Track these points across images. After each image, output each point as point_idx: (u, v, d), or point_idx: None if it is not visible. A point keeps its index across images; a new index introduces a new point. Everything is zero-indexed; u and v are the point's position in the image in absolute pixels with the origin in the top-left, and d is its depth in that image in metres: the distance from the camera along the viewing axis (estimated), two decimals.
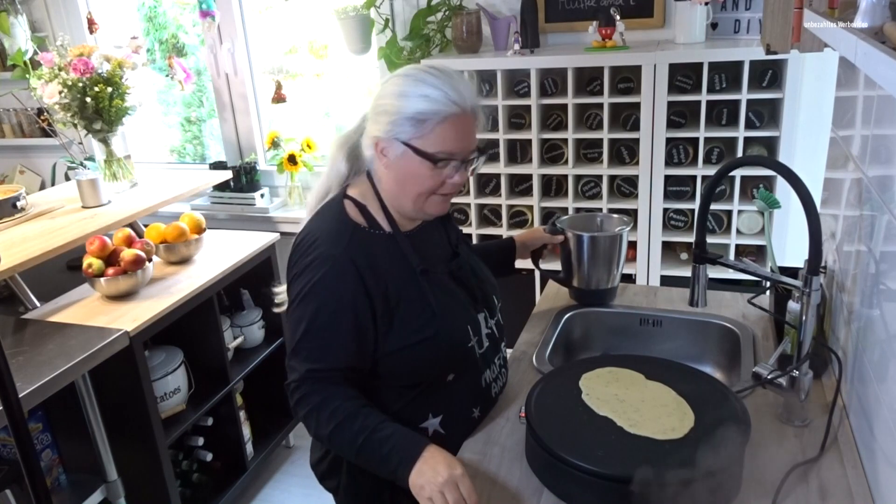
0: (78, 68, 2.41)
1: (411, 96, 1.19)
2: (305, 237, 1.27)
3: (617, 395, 1.25)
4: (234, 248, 2.49)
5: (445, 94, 1.18)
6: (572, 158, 2.48)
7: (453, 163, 1.23)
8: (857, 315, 1.22)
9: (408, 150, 1.21)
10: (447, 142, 1.20)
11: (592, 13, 2.52)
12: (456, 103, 1.19)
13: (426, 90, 1.18)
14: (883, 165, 1.09)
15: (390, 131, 1.21)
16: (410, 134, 1.20)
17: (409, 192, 1.25)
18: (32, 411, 1.97)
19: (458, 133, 1.21)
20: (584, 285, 1.71)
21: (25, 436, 1.13)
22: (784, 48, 1.22)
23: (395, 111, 1.20)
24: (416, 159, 1.21)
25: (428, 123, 1.18)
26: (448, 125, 1.19)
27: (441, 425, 1.30)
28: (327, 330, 1.21)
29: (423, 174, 1.22)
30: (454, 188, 1.26)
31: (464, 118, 1.21)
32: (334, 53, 3.25)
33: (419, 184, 1.23)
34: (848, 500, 1.09)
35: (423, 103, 1.18)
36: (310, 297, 1.21)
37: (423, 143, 1.20)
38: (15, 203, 2.36)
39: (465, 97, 1.20)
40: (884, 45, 0.69)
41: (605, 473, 1.06)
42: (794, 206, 1.93)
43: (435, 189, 1.24)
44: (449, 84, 1.20)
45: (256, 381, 2.63)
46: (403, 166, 1.23)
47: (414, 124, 1.19)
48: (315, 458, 1.42)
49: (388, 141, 1.22)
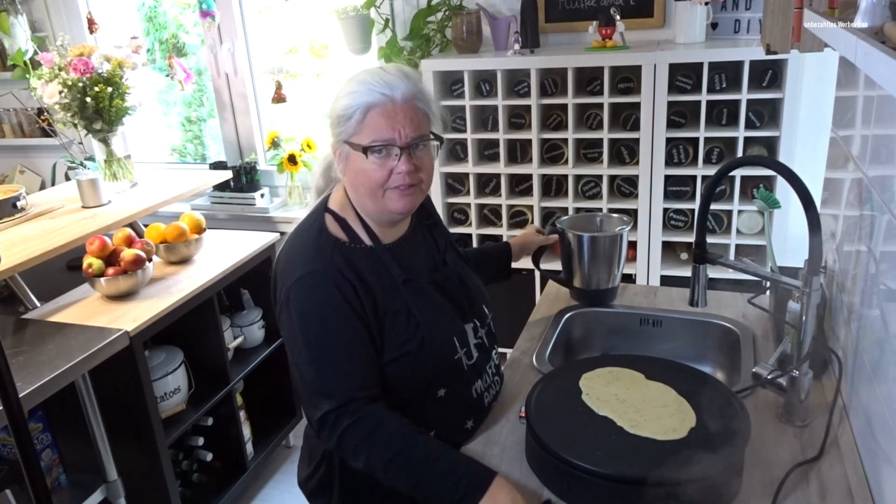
0: (78, 68, 2.41)
1: (341, 96, 1.22)
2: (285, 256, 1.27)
3: (617, 395, 1.25)
4: (234, 248, 2.49)
5: (370, 86, 1.20)
6: (572, 158, 2.48)
7: (394, 151, 1.21)
8: (857, 315, 1.22)
9: (349, 149, 1.23)
10: (378, 129, 1.20)
11: (592, 13, 2.52)
12: (382, 93, 1.20)
13: (352, 87, 1.21)
14: (883, 165, 1.09)
15: (335, 134, 1.24)
16: (349, 132, 1.21)
17: (363, 191, 1.25)
18: (32, 411, 1.97)
19: (389, 121, 1.20)
20: (584, 285, 1.71)
21: (25, 436, 1.13)
22: (784, 48, 1.22)
23: (332, 113, 1.23)
24: (359, 155, 1.22)
25: (355, 116, 1.20)
26: (376, 114, 1.19)
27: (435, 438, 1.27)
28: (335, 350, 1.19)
29: (367, 168, 1.22)
30: (402, 178, 1.22)
31: (393, 106, 1.20)
32: (334, 53, 3.26)
33: (368, 179, 1.23)
34: (848, 500, 1.09)
35: (349, 99, 1.20)
36: (307, 321, 1.19)
37: (359, 137, 1.21)
38: (15, 203, 2.36)
39: (393, 87, 1.20)
40: (884, 45, 0.69)
41: (605, 473, 1.06)
42: (794, 206, 1.93)
43: (383, 181, 1.22)
44: (377, 77, 1.21)
45: (256, 381, 2.63)
46: (352, 166, 1.24)
47: (345, 121, 1.21)
48: (304, 475, 1.38)
49: (337, 145, 1.24)
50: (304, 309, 1.20)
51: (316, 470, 1.33)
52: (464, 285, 1.37)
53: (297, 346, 1.21)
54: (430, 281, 1.31)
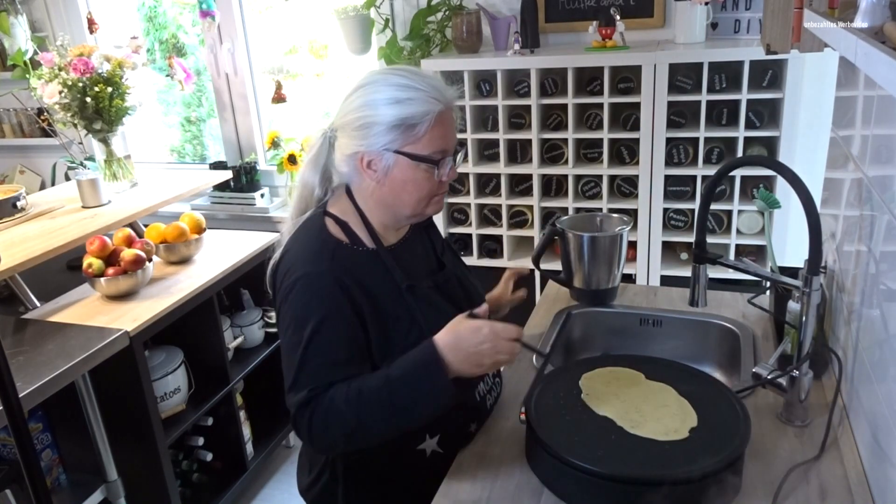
0: (78, 68, 2.42)
1: (400, 102, 1.14)
2: (284, 260, 1.23)
3: (617, 395, 1.25)
4: (234, 248, 2.49)
5: (427, 92, 1.16)
6: (572, 158, 2.48)
7: (448, 161, 1.21)
8: (857, 315, 1.22)
9: (401, 159, 1.17)
10: (438, 140, 1.18)
11: (592, 13, 2.52)
12: (438, 100, 1.17)
13: (409, 93, 1.15)
14: (883, 165, 1.09)
15: (378, 143, 1.17)
16: (402, 141, 1.16)
17: (408, 200, 1.22)
18: (32, 411, 1.97)
19: (446, 129, 1.19)
20: (584, 285, 1.71)
21: (25, 436, 1.13)
22: (784, 48, 1.22)
23: (381, 122, 1.15)
24: (412, 165, 1.18)
25: (420, 126, 1.15)
26: (439, 123, 1.17)
27: (439, 444, 1.27)
28: (325, 348, 1.16)
29: (420, 178, 1.19)
30: (446, 187, 1.25)
31: (448, 113, 1.20)
32: (334, 53, 3.26)
33: (419, 189, 1.20)
34: (848, 500, 1.09)
35: (410, 107, 1.14)
36: (300, 323, 1.16)
37: (417, 147, 1.17)
38: (15, 203, 2.36)
39: (444, 92, 1.18)
40: (884, 45, 0.69)
41: (605, 473, 1.06)
42: (794, 206, 1.93)
43: (434, 191, 1.22)
44: (426, 82, 1.17)
45: (256, 381, 2.63)
46: (398, 176, 1.19)
47: (404, 131, 1.15)
48: (305, 483, 1.35)
49: (376, 153, 1.18)
50: (303, 306, 1.17)
51: (318, 479, 1.31)
52: (462, 287, 1.37)
53: (287, 339, 1.18)
54: (432, 284, 1.30)
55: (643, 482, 1.05)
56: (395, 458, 1.26)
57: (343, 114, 1.21)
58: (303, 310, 1.17)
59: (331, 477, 1.30)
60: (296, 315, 1.17)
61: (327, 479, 1.30)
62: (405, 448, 1.25)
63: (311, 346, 1.15)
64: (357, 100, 1.19)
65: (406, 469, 1.28)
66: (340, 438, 1.15)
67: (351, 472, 1.28)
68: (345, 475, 1.28)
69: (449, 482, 1.19)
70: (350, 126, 1.19)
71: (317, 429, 1.14)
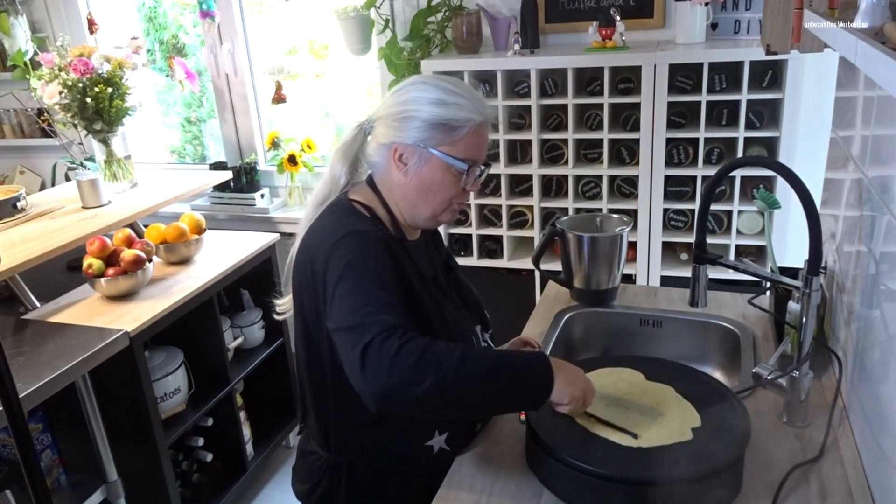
0: (78, 69, 2.42)
1: (446, 104, 1.19)
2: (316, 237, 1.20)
3: (617, 395, 1.25)
4: (234, 248, 2.49)
5: (473, 103, 1.21)
6: (572, 159, 2.48)
7: (476, 171, 1.24)
8: (857, 315, 1.22)
9: (434, 157, 1.20)
10: (472, 149, 1.22)
11: (592, 13, 2.52)
12: (481, 112, 1.22)
13: (456, 99, 1.20)
14: (883, 166, 1.09)
15: (415, 138, 1.20)
16: (439, 140, 1.20)
17: (430, 201, 1.24)
18: (32, 411, 1.97)
19: (481, 141, 1.24)
20: (584, 285, 1.71)
21: (25, 436, 1.13)
22: (784, 48, 1.22)
23: (422, 118, 1.19)
24: (442, 166, 1.21)
25: (460, 130, 1.20)
26: (476, 133, 1.22)
27: (446, 442, 1.27)
28: (389, 287, 1.11)
29: (447, 181, 1.22)
30: (467, 197, 1.28)
31: (485, 127, 1.25)
32: (334, 53, 3.25)
33: (443, 191, 1.23)
34: (848, 500, 1.09)
35: (456, 111, 1.19)
36: (356, 261, 1.12)
37: (452, 149, 1.20)
38: (15, 203, 2.36)
39: (485, 107, 1.24)
40: (884, 45, 0.69)
41: (605, 473, 1.06)
42: (794, 206, 1.93)
43: (456, 196, 1.25)
44: (471, 93, 1.23)
45: (256, 382, 2.63)
46: (427, 174, 1.22)
47: (444, 131, 1.19)
48: (303, 490, 1.33)
49: (412, 148, 1.21)
50: (353, 254, 1.13)
51: (317, 486, 1.30)
52: (468, 289, 1.40)
53: (341, 287, 1.10)
54: (445, 282, 1.33)
55: (643, 483, 1.05)
56: (404, 452, 1.27)
57: (386, 106, 1.24)
58: (356, 253, 1.13)
59: (330, 483, 1.28)
60: (350, 257, 1.12)
61: (327, 486, 1.28)
62: (415, 443, 1.25)
63: (375, 281, 1.10)
64: (403, 94, 1.22)
65: (412, 464, 1.28)
66: (430, 378, 1.00)
67: (354, 473, 1.27)
68: (348, 477, 1.27)
69: (449, 482, 1.19)
70: (391, 117, 1.22)
71: (407, 358, 1.00)
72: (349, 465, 1.27)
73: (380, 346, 1.01)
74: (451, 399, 1.05)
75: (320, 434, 1.28)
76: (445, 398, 1.04)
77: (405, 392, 1.01)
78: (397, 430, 1.25)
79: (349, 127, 1.31)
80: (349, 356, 1.04)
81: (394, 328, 1.03)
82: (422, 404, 1.03)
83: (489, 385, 1.06)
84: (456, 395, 1.04)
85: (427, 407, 1.06)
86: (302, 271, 1.21)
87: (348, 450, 1.27)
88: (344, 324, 1.07)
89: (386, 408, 1.04)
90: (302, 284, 1.22)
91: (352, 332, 1.05)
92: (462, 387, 1.04)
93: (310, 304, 1.20)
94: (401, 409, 1.05)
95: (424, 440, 1.26)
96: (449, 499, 1.16)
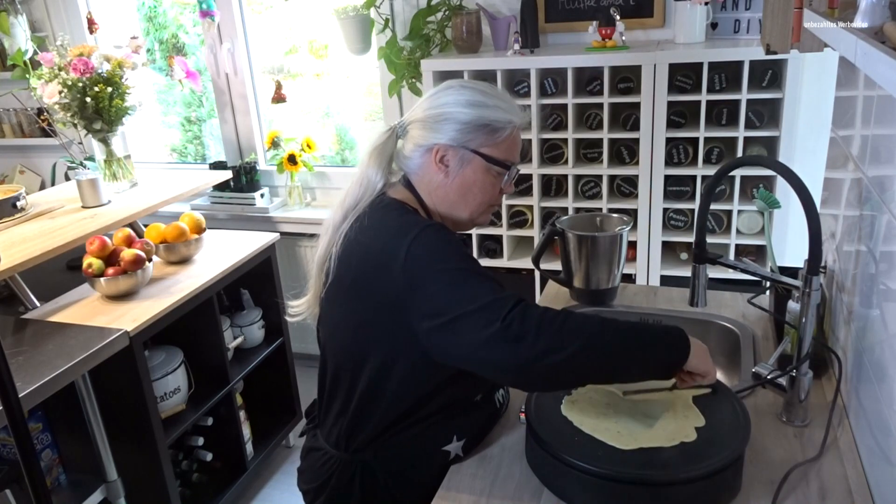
0: (78, 68, 2.41)
1: (486, 106, 1.21)
2: (386, 228, 1.18)
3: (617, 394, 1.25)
4: (234, 248, 2.49)
5: (511, 105, 1.24)
6: (572, 158, 2.48)
7: (514, 170, 1.26)
8: (857, 315, 1.22)
9: (476, 158, 1.22)
10: (511, 151, 1.25)
11: (592, 13, 2.52)
12: (518, 115, 1.25)
13: (497, 101, 1.22)
14: (883, 165, 1.09)
15: (457, 139, 1.21)
16: (481, 142, 1.21)
17: (471, 202, 1.26)
18: (32, 411, 1.97)
19: (518, 143, 1.27)
20: (584, 285, 1.71)
21: (25, 436, 1.13)
22: (784, 48, 1.22)
23: (464, 119, 1.21)
24: (483, 167, 1.23)
25: (502, 132, 1.22)
26: (515, 135, 1.25)
27: (462, 449, 1.26)
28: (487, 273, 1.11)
29: (487, 183, 1.24)
30: (501, 198, 1.32)
31: (520, 131, 1.27)
32: (334, 53, 3.26)
33: (484, 192, 1.25)
34: (848, 500, 1.09)
35: (499, 113, 1.21)
36: (447, 253, 1.11)
37: (494, 151, 1.23)
38: (15, 203, 2.36)
39: (520, 111, 1.26)
40: (884, 45, 0.69)
41: (605, 473, 1.06)
42: (794, 206, 1.93)
43: (495, 198, 1.27)
44: (507, 97, 1.26)
45: (256, 381, 2.63)
46: (469, 175, 1.23)
47: (488, 132, 1.21)
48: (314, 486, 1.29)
49: (454, 149, 1.22)
50: (441, 246, 1.12)
51: (325, 485, 1.28)
52: None
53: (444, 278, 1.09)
54: None
55: (643, 482, 1.05)
56: (420, 455, 1.25)
57: (423, 109, 1.25)
58: (445, 246, 1.12)
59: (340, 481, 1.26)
60: (442, 254, 1.11)
61: (335, 485, 1.26)
62: (432, 448, 1.24)
63: (478, 269, 1.11)
64: (441, 98, 1.24)
65: (427, 469, 1.25)
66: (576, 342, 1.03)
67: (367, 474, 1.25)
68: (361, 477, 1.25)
69: (449, 482, 1.19)
70: (431, 119, 1.23)
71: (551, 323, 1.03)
72: (363, 464, 1.24)
73: (522, 316, 1.03)
74: (593, 363, 1.07)
75: (337, 434, 1.26)
76: (588, 363, 1.06)
77: (550, 358, 1.02)
78: (416, 434, 1.23)
79: (380, 130, 1.30)
80: (485, 334, 1.04)
81: (524, 300, 1.06)
82: (564, 371, 1.05)
83: (628, 351, 1.09)
84: (598, 359, 1.07)
85: (568, 374, 1.08)
86: (370, 272, 1.16)
87: (364, 450, 1.24)
88: (469, 307, 1.06)
89: (528, 378, 1.07)
90: (366, 285, 1.17)
91: (483, 311, 1.05)
92: (603, 351, 1.06)
93: (374, 305, 1.16)
94: (542, 377, 1.07)
95: (442, 444, 1.24)
96: (449, 498, 1.16)
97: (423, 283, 1.10)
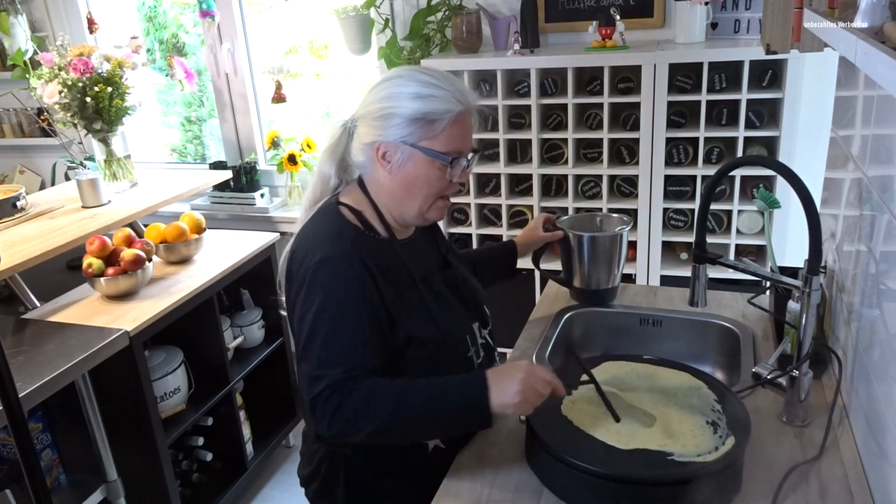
0: (78, 68, 2.41)
1: (418, 97, 1.17)
2: (302, 244, 1.23)
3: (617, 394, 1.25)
4: (234, 248, 2.49)
5: (450, 92, 1.18)
6: (572, 158, 2.48)
7: (462, 161, 1.22)
8: (857, 315, 1.22)
9: (416, 153, 1.19)
10: (455, 140, 1.20)
11: (592, 13, 2.52)
12: (460, 101, 1.19)
13: (432, 90, 1.17)
14: (883, 165, 1.09)
15: (395, 135, 1.18)
16: (419, 135, 1.18)
17: (416, 196, 1.23)
18: (32, 411, 1.97)
19: (464, 131, 1.21)
20: (584, 285, 1.71)
21: (25, 436, 1.13)
22: (784, 48, 1.22)
23: (401, 114, 1.17)
24: (426, 161, 1.19)
25: (439, 123, 1.17)
26: (456, 123, 1.19)
27: (442, 440, 1.28)
28: (351, 328, 1.15)
29: (432, 176, 1.21)
30: (456, 189, 1.26)
31: (467, 116, 1.22)
32: (334, 53, 3.26)
33: (428, 186, 1.22)
34: (848, 500, 1.09)
35: (432, 103, 1.17)
36: (324, 301, 1.15)
37: (434, 143, 1.19)
38: (15, 203, 2.36)
39: (466, 95, 1.20)
40: (884, 45, 0.69)
41: (605, 473, 1.06)
42: (794, 206, 1.93)
43: (443, 190, 1.24)
44: (450, 83, 1.20)
45: (256, 381, 2.63)
46: (411, 170, 1.21)
47: (423, 125, 1.17)
48: (305, 475, 1.35)
49: (393, 145, 1.19)
50: (326, 289, 1.16)
51: (317, 471, 1.32)
52: (466, 285, 1.38)
53: (308, 323, 1.16)
54: (442, 279, 1.32)
55: (643, 482, 1.05)
56: (398, 451, 1.27)
57: (366, 104, 1.23)
58: (328, 289, 1.16)
59: (329, 469, 1.30)
60: (321, 294, 1.16)
61: (326, 472, 1.30)
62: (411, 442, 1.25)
63: (339, 325, 1.14)
64: (381, 91, 1.21)
65: (407, 463, 1.28)
66: (367, 428, 1.11)
67: (351, 465, 1.28)
68: (345, 466, 1.28)
69: (449, 482, 1.19)
70: (371, 115, 1.21)
71: (346, 412, 1.11)
72: (345, 457, 1.28)
73: (325, 401, 1.11)
74: (394, 438, 1.18)
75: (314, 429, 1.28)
76: (387, 439, 1.18)
77: (347, 439, 1.14)
78: None
79: (334, 126, 1.29)
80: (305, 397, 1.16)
81: (340, 383, 1.11)
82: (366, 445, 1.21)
83: (428, 422, 1.14)
84: (396, 435, 1.17)
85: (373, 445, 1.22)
86: (292, 273, 1.23)
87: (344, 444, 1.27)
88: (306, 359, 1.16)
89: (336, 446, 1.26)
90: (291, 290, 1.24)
91: (310, 374, 1.14)
92: (400, 429, 1.13)
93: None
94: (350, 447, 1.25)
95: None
96: (449, 498, 1.16)
97: (308, 299, 1.17)
